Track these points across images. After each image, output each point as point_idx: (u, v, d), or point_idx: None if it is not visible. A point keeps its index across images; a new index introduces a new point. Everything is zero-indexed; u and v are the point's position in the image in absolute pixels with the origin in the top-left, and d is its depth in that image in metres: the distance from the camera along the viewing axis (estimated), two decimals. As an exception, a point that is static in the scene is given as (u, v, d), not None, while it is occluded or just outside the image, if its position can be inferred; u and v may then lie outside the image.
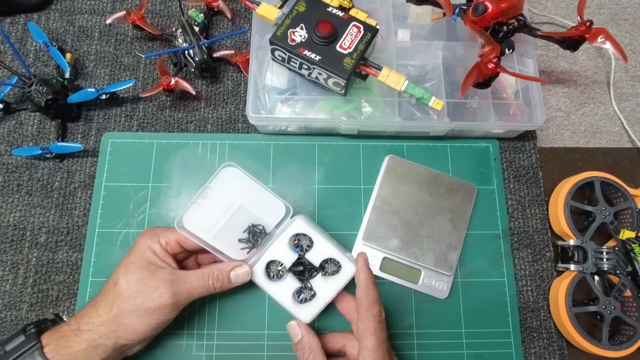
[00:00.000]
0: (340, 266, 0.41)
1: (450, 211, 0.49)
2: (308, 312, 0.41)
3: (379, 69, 0.46)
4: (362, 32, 0.45)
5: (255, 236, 0.42)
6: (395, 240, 0.48)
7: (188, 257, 0.43)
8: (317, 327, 0.46)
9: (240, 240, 0.42)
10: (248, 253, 0.41)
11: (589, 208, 0.50)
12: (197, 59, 0.50)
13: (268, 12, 0.48)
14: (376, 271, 0.47)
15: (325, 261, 0.41)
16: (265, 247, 0.41)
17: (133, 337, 0.37)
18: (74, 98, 0.49)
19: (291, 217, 0.41)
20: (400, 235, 0.48)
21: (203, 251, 0.41)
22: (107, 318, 0.36)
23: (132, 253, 0.39)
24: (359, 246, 0.48)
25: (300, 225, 0.41)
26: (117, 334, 0.36)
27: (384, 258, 0.48)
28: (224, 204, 0.41)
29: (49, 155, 0.49)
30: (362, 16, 0.46)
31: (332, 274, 0.41)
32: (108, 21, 0.52)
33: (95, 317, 0.37)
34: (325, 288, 0.41)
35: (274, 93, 0.49)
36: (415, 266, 0.47)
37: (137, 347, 0.39)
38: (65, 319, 0.41)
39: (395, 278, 0.47)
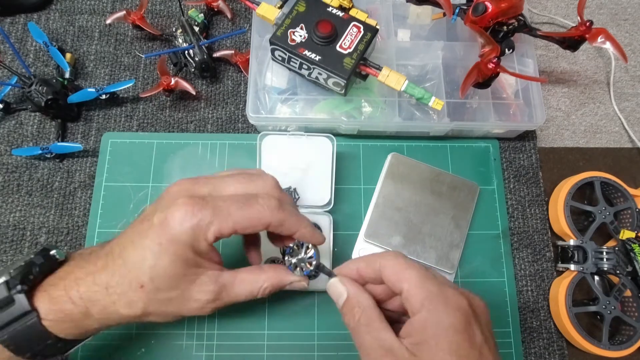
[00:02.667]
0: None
1: (452, 209, 0.49)
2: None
3: (379, 69, 0.46)
4: (362, 32, 0.45)
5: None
6: (397, 238, 0.48)
7: None
8: (317, 327, 0.46)
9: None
10: None
11: (589, 208, 0.50)
12: (197, 59, 0.50)
13: (268, 12, 0.48)
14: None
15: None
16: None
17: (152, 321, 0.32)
18: (74, 98, 0.49)
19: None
20: (402, 233, 0.48)
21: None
22: (129, 315, 0.30)
23: (164, 248, 0.29)
24: (360, 244, 0.48)
25: None
26: (138, 319, 0.31)
27: None
28: None
29: (49, 155, 0.49)
30: (362, 16, 0.46)
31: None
32: (108, 21, 0.52)
33: (113, 312, 0.30)
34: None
35: (274, 93, 0.49)
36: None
37: None
38: (59, 257, 0.32)
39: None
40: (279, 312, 0.46)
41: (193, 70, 0.52)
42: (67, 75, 0.52)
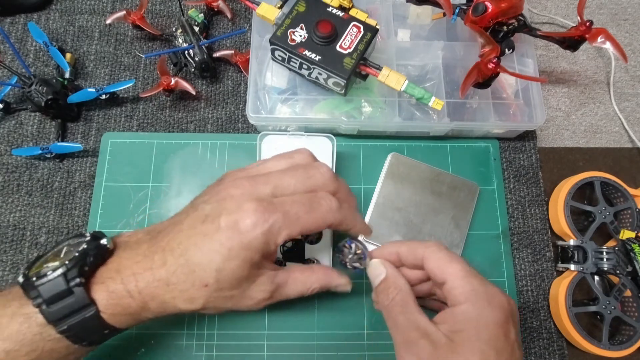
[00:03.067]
0: None
1: (452, 209, 0.49)
2: None
3: (379, 69, 0.46)
4: (362, 32, 0.45)
5: None
6: (397, 238, 0.48)
7: None
8: (317, 327, 0.46)
9: None
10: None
11: (589, 208, 0.50)
12: (197, 59, 0.50)
13: (268, 12, 0.48)
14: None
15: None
16: None
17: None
18: (74, 98, 0.49)
19: None
20: (402, 233, 0.48)
21: None
22: (187, 309, 0.31)
23: (235, 253, 0.29)
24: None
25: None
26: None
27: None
28: None
29: (49, 155, 0.49)
30: (362, 16, 0.46)
31: None
32: (108, 21, 0.52)
33: (172, 307, 0.31)
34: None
35: (274, 93, 0.49)
36: None
37: None
38: (110, 247, 0.32)
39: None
40: (279, 312, 0.46)
41: (193, 70, 0.52)
42: (67, 75, 0.52)
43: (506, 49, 0.49)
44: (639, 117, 0.58)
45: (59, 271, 0.28)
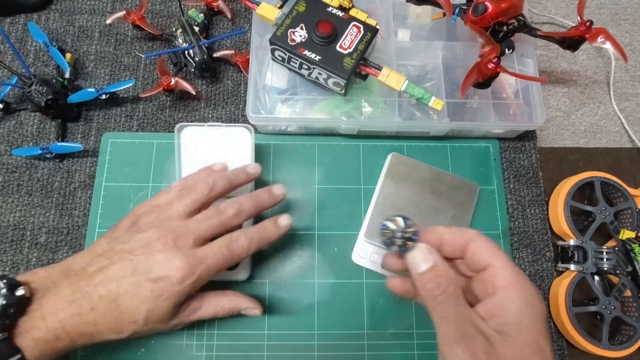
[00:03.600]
0: None
1: (452, 209, 0.49)
2: None
3: (379, 69, 0.46)
4: (362, 32, 0.45)
5: None
6: None
7: None
8: (317, 327, 0.46)
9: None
10: None
11: (589, 208, 0.50)
12: (197, 59, 0.50)
13: (268, 12, 0.48)
14: (378, 268, 0.47)
15: None
16: None
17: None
18: (74, 98, 0.49)
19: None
20: None
21: None
22: (114, 339, 0.34)
23: (164, 299, 0.34)
24: (361, 244, 0.48)
25: None
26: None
27: (386, 255, 0.47)
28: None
29: (49, 155, 0.49)
30: (362, 16, 0.46)
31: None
32: (108, 21, 0.52)
33: (100, 339, 0.34)
34: None
35: (274, 93, 0.49)
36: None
37: None
38: (26, 295, 0.33)
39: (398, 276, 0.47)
40: (279, 312, 0.46)
41: (193, 70, 0.52)
42: (67, 75, 0.52)
43: (506, 49, 0.49)
44: (639, 117, 0.58)
45: None
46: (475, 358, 0.26)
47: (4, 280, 0.32)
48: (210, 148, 0.46)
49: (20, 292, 0.32)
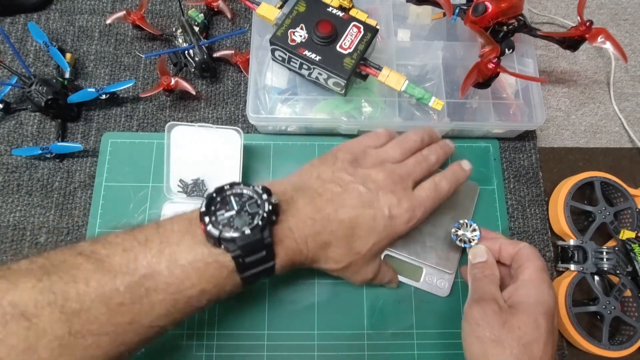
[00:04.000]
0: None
1: (452, 210, 0.49)
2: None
3: (379, 69, 0.46)
4: (362, 32, 0.45)
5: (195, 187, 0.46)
6: (397, 239, 0.47)
7: None
8: (317, 327, 0.46)
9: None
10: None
11: (589, 208, 0.50)
12: (197, 59, 0.50)
13: (268, 12, 0.48)
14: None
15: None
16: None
17: None
18: (74, 98, 0.49)
19: None
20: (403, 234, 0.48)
21: None
22: (330, 268, 0.38)
23: (389, 238, 0.39)
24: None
25: None
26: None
27: (386, 255, 0.47)
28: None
29: (49, 155, 0.49)
30: (362, 16, 0.46)
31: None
32: (108, 21, 0.52)
33: (321, 265, 0.38)
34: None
35: (274, 93, 0.49)
36: (417, 264, 0.47)
37: None
38: (278, 201, 0.35)
39: (398, 275, 0.47)
40: (279, 312, 0.46)
41: (193, 70, 0.52)
42: (67, 75, 0.52)
43: (506, 49, 0.49)
44: (639, 117, 0.58)
45: (255, 226, 0.31)
46: (484, 314, 0.35)
47: (261, 187, 0.33)
48: (200, 148, 0.46)
49: (274, 199, 0.33)
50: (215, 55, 0.53)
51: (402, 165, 0.40)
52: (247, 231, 0.31)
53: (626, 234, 0.48)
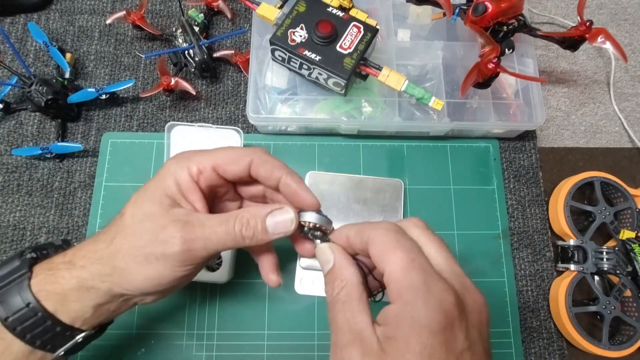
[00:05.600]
0: None
1: (381, 212, 0.48)
2: None
3: (379, 69, 0.46)
4: (362, 32, 0.45)
5: None
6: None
7: (226, 193, 0.33)
8: (317, 327, 0.46)
9: None
10: None
11: (589, 208, 0.50)
12: (197, 59, 0.50)
13: (268, 12, 0.48)
14: (323, 292, 0.45)
15: None
16: None
17: (128, 287, 0.28)
18: (74, 98, 0.49)
19: None
20: None
21: (249, 183, 0.33)
22: (103, 255, 0.29)
23: (152, 180, 0.30)
24: (300, 273, 0.47)
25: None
26: (111, 279, 0.28)
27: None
28: None
29: (49, 155, 0.49)
30: (362, 16, 0.46)
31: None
32: (108, 21, 0.52)
33: (92, 251, 0.29)
34: None
35: (274, 93, 0.49)
36: None
37: (148, 298, 0.30)
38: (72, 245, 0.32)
39: None
40: (279, 312, 0.46)
41: (193, 70, 0.52)
42: (67, 75, 0.51)
43: (506, 49, 0.49)
44: (639, 117, 0.58)
45: (19, 250, 0.30)
46: None
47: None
48: (200, 148, 0.46)
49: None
50: (215, 55, 0.53)
51: None
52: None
53: (626, 234, 0.48)
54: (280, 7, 0.48)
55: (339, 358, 0.25)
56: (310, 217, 0.30)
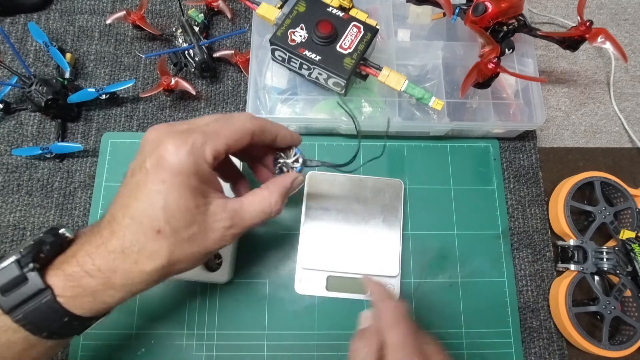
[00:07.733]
0: None
1: (381, 212, 0.48)
2: None
3: (379, 69, 0.46)
4: (362, 32, 0.45)
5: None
6: (334, 257, 0.47)
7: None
8: (317, 327, 0.46)
9: None
10: None
11: (589, 208, 0.50)
12: (197, 59, 0.50)
13: (268, 12, 0.48)
14: (323, 292, 0.46)
15: None
16: None
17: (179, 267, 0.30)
18: (74, 98, 0.49)
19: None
20: (338, 250, 0.47)
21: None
22: (155, 268, 0.29)
23: (169, 184, 0.28)
24: (300, 273, 0.47)
25: None
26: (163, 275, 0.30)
27: (329, 277, 0.46)
28: None
29: (49, 155, 0.49)
30: (362, 16, 0.46)
31: None
32: (108, 21, 0.52)
33: (137, 273, 0.29)
34: None
35: (274, 93, 0.49)
36: (360, 276, 0.46)
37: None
38: (69, 235, 0.31)
39: (345, 293, 0.46)
40: (279, 312, 0.46)
41: (193, 70, 0.52)
42: (67, 75, 0.52)
43: (506, 49, 0.49)
44: (639, 117, 0.58)
45: (12, 258, 0.28)
46: None
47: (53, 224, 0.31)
48: None
49: (61, 230, 0.31)
50: (215, 55, 0.53)
51: None
52: (4, 263, 0.28)
53: (626, 234, 0.48)
54: (280, 7, 0.48)
55: None
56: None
